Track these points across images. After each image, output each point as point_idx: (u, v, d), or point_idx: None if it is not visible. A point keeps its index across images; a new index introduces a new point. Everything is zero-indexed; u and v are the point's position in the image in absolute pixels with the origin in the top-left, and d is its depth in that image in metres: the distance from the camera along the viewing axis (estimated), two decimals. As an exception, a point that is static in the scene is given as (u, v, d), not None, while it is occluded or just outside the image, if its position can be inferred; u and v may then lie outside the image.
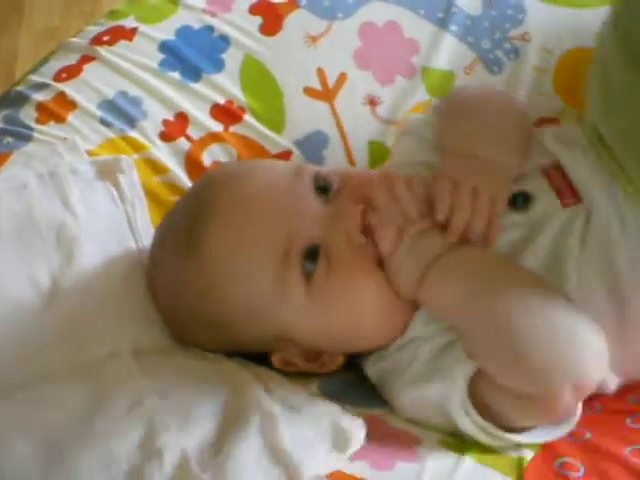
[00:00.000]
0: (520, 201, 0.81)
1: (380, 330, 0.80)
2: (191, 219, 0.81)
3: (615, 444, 0.76)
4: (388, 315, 0.79)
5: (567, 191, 0.80)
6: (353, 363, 0.84)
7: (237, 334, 0.81)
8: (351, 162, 0.99)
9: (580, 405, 0.75)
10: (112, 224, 0.90)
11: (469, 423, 0.74)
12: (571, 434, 0.77)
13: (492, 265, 0.78)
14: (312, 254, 0.78)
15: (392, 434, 0.78)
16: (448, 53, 1.01)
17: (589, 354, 0.73)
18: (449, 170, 0.82)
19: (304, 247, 0.78)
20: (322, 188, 0.80)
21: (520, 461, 0.75)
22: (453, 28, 1.02)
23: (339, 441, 0.73)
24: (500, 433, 0.74)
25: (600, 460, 0.74)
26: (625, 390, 0.81)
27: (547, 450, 0.76)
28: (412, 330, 0.79)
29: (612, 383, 0.79)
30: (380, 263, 0.78)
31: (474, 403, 0.74)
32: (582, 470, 0.74)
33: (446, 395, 0.75)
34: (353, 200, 0.79)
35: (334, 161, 0.98)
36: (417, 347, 0.78)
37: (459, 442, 0.76)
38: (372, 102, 1.00)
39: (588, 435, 0.77)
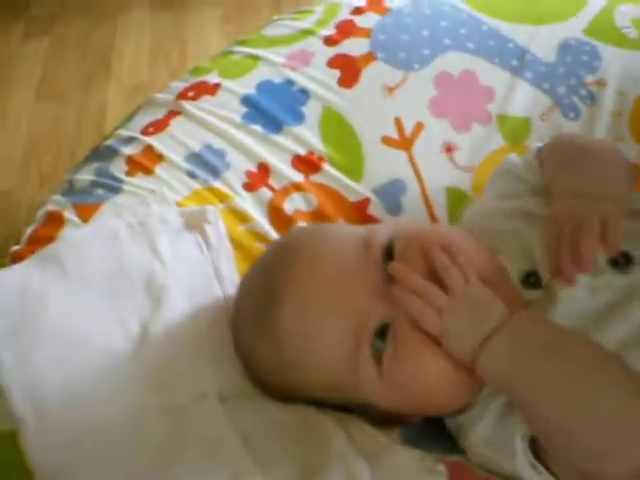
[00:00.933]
0: (622, 262, 0.80)
1: (453, 399, 0.80)
2: (267, 295, 0.81)
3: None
4: (458, 386, 0.78)
5: None
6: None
7: (317, 398, 0.82)
8: (429, 208, 1.00)
9: None
10: (199, 272, 0.92)
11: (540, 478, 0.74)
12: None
13: (551, 340, 0.75)
14: (382, 332, 0.77)
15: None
16: (524, 100, 1.03)
17: None
18: (567, 211, 0.80)
19: (375, 327, 0.77)
20: (389, 256, 0.80)
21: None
22: (528, 75, 1.03)
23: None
24: None
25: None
26: None
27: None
28: (485, 388, 0.79)
29: None
30: None
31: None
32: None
33: (512, 456, 0.74)
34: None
35: (412, 208, 0.99)
36: (486, 404, 0.78)
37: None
38: (449, 149, 1.01)
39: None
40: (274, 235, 0.97)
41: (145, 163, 1.01)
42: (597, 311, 0.78)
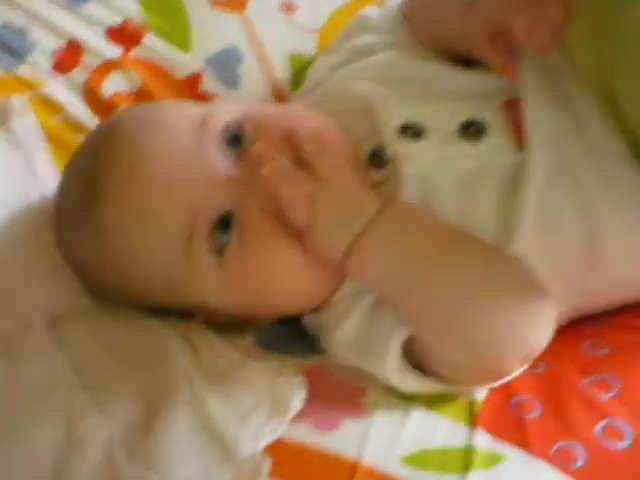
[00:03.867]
0: (473, 130, 0.73)
1: (307, 297, 0.74)
2: (89, 184, 0.73)
3: (572, 375, 0.72)
4: (314, 283, 0.73)
5: (522, 131, 0.72)
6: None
7: (153, 301, 0.75)
8: (270, 78, 0.90)
9: None
10: (10, 175, 0.82)
11: (408, 383, 0.70)
12: (525, 365, 0.73)
13: (431, 232, 0.71)
14: (224, 224, 0.70)
15: (335, 386, 0.73)
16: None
17: (539, 327, 0.69)
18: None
19: (213, 217, 0.70)
20: (235, 139, 0.72)
21: (472, 405, 0.70)
22: None
23: (277, 405, 0.69)
24: (447, 387, 0.70)
25: (558, 395, 0.70)
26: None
27: (501, 388, 0.71)
28: (346, 285, 0.73)
29: (566, 314, 0.75)
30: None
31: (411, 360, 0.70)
32: (539, 409, 0.70)
33: (381, 363, 0.70)
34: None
35: (251, 79, 0.90)
36: (351, 303, 0.72)
37: (406, 389, 0.72)
38: (288, 8, 0.91)
39: (543, 366, 0.73)
40: (94, 124, 0.86)
41: None
42: (459, 183, 0.72)
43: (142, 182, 0.71)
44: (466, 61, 0.78)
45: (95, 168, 0.73)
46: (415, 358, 0.70)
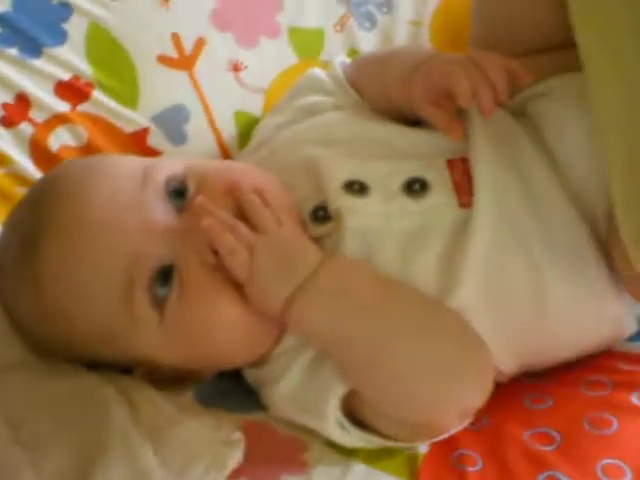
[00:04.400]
0: (417, 187, 0.74)
1: (246, 353, 0.73)
2: (29, 235, 0.71)
3: (514, 428, 0.71)
4: (254, 336, 0.72)
5: (466, 189, 0.73)
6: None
7: (92, 354, 0.73)
8: (217, 136, 0.90)
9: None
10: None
11: (349, 438, 0.69)
12: (468, 420, 0.73)
13: (371, 286, 0.70)
14: (164, 276, 0.69)
15: (276, 441, 0.72)
16: (315, 9, 0.94)
17: (477, 383, 0.68)
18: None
19: (153, 268, 0.69)
20: (177, 192, 0.71)
21: (414, 459, 0.70)
22: (319, -19, 0.94)
23: (215, 461, 0.67)
24: (387, 442, 0.69)
25: (499, 449, 0.70)
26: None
27: (442, 443, 0.70)
28: (287, 339, 0.72)
29: (509, 371, 0.75)
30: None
31: (351, 416, 0.69)
32: (480, 462, 0.69)
33: (320, 418, 0.69)
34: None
35: (198, 136, 0.90)
36: (291, 357, 0.72)
37: (347, 444, 0.71)
38: (236, 68, 0.91)
39: (485, 421, 0.72)
40: (39, 177, 0.84)
41: None
42: (402, 239, 0.72)
43: (82, 230, 0.70)
44: (412, 121, 0.80)
45: (35, 219, 0.72)
46: (356, 412, 0.69)
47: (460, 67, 0.73)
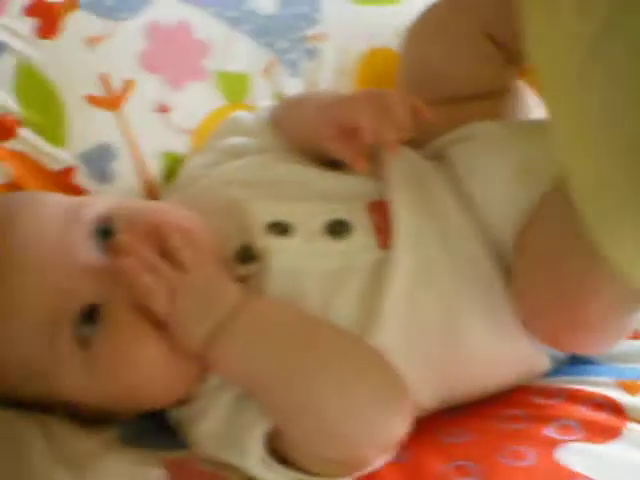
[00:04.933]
0: (338, 228, 0.76)
1: (169, 393, 0.73)
2: None
3: (433, 461, 0.73)
4: (179, 375, 0.72)
5: (385, 231, 0.76)
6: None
7: (11, 394, 0.72)
8: (143, 176, 0.90)
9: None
10: None
11: (273, 475, 0.69)
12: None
13: (293, 324, 0.71)
14: (89, 315, 0.69)
15: (199, 478, 0.71)
16: (243, 55, 0.95)
17: (395, 419, 0.70)
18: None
19: (78, 308, 0.69)
20: (103, 232, 0.72)
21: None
22: (246, 28, 0.96)
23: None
24: (311, 478, 0.69)
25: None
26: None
27: (366, 477, 0.71)
28: (212, 377, 0.73)
29: (428, 405, 0.77)
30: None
31: (274, 452, 0.69)
32: (402, 497, 0.70)
33: (242, 455, 0.69)
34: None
35: (124, 176, 0.89)
36: (215, 395, 0.72)
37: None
38: (163, 109, 0.92)
39: (407, 455, 0.73)
40: (-38, 213, 0.83)
41: None
42: (322, 279, 0.73)
43: (7, 268, 0.69)
44: (333, 163, 0.82)
45: None
46: (280, 448, 0.69)
47: (362, 103, 0.76)
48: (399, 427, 0.70)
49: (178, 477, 0.70)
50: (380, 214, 0.77)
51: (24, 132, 0.88)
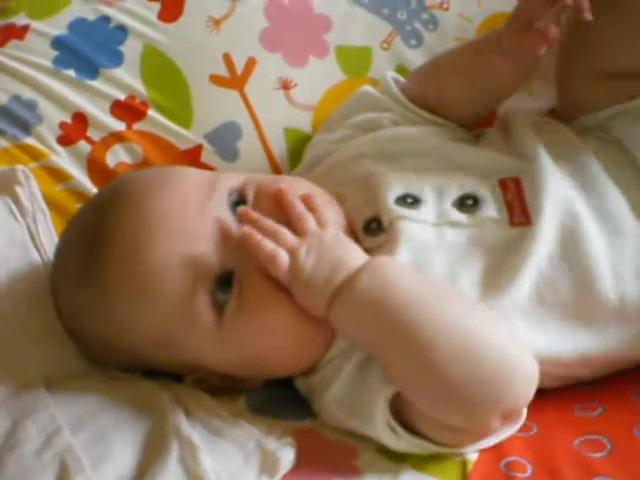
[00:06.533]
0: (469, 202, 0.76)
1: (300, 358, 0.74)
2: (91, 241, 0.74)
3: (564, 436, 0.71)
4: (308, 342, 0.73)
5: (518, 208, 0.75)
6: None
7: (147, 361, 0.76)
8: (268, 152, 0.92)
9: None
10: (13, 240, 0.83)
11: (398, 441, 0.69)
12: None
13: (414, 286, 0.70)
14: (225, 282, 0.71)
15: (326, 448, 0.73)
16: (362, 28, 0.95)
17: (520, 383, 0.68)
18: None
19: (216, 274, 0.71)
20: (237, 203, 0.74)
21: (464, 465, 0.70)
22: (365, 1, 0.96)
23: (267, 465, 0.68)
24: (435, 447, 0.69)
25: (549, 455, 0.70)
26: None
27: (492, 450, 0.71)
28: (336, 344, 0.73)
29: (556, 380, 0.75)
30: None
31: (399, 420, 0.69)
32: (530, 469, 0.69)
33: (370, 422, 0.69)
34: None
35: (249, 153, 0.92)
36: (341, 362, 0.73)
37: (398, 450, 0.71)
38: (285, 86, 0.93)
39: (535, 429, 0.73)
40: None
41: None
42: (442, 254, 0.73)
43: (148, 235, 0.72)
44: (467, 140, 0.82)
45: (99, 224, 0.74)
46: (404, 416, 0.69)
47: None
48: (523, 394, 0.69)
49: (308, 446, 0.71)
50: (513, 191, 0.76)
51: (152, 114, 0.92)
